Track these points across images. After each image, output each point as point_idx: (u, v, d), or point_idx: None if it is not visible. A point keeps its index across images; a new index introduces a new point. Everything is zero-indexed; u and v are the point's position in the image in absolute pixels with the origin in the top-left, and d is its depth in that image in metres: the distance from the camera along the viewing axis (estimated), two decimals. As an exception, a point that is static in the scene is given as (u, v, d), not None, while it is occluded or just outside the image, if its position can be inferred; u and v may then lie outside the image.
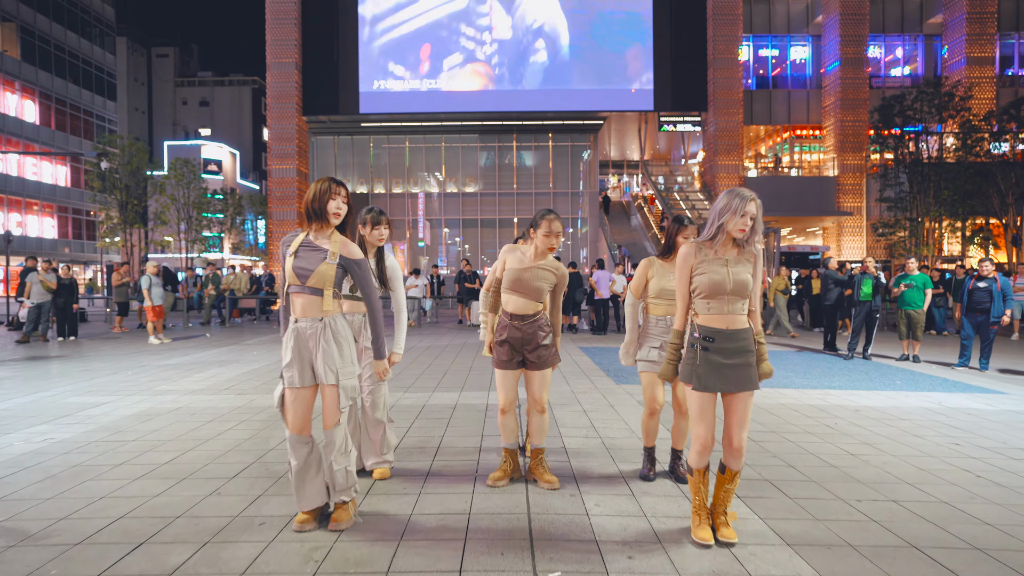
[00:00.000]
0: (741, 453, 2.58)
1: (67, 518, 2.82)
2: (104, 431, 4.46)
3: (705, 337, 2.57)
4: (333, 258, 2.65)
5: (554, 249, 3.23)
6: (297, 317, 2.69)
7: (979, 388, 6.56)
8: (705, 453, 2.60)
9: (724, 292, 2.53)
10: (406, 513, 2.90)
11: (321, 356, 2.66)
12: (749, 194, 2.52)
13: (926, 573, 2.35)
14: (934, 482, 3.42)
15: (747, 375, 2.54)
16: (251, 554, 2.45)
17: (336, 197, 2.69)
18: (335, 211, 2.68)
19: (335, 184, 2.71)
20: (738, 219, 2.50)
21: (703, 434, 2.59)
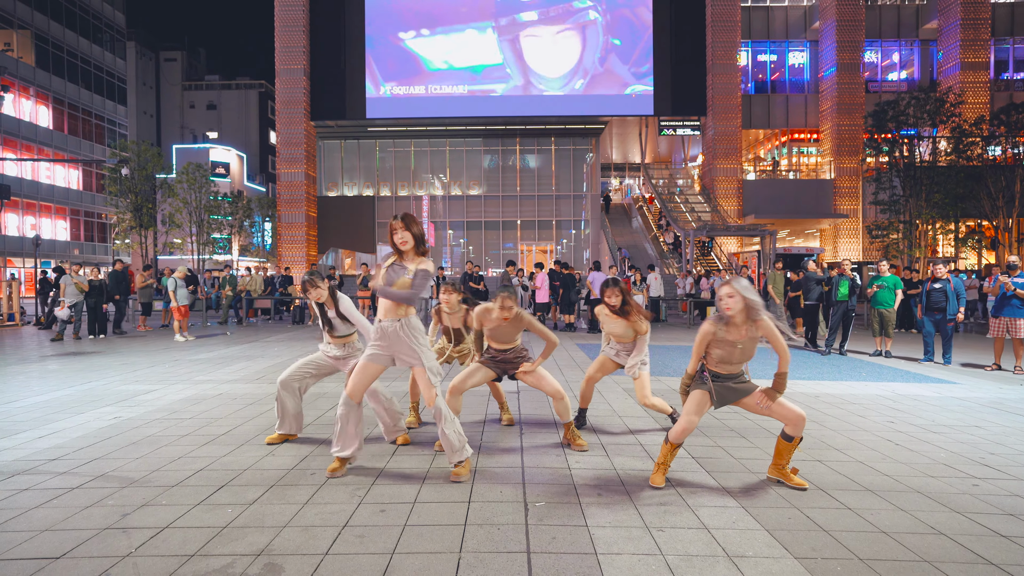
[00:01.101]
0: (804, 420, 3.33)
1: (158, 470, 3.59)
2: (162, 411, 5.22)
3: (715, 377, 3.43)
4: (410, 274, 3.46)
5: (508, 319, 4.05)
6: (381, 318, 3.48)
7: (936, 379, 7.26)
8: (684, 435, 3.37)
9: (731, 362, 3.38)
10: (424, 468, 3.65)
11: (407, 347, 3.42)
12: (726, 279, 3.39)
13: (821, 504, 3.08)
14: (857, 448, 4.16)
15: (747, 387, 3.43)
16: (309, 492, 3.20)
17: (396, 231, 3.47)
18: (400, 242, 3.46)
19: (393, 220, 3.49)
20: (719, 302, 3.33)
21: (692, 423, 3.36)
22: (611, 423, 4.85)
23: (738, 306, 3.24)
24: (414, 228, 3.47)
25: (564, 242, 31.76)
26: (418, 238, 3.47)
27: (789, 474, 3.39)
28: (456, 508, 2.99)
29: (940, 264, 8.91)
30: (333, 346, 4.23)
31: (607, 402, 5.64)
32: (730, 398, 3.41)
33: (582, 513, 2.93)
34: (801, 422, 3.32)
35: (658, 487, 3.33)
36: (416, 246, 3.47)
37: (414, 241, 3.45)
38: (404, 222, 3.46)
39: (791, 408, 3.33)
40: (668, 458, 3.42)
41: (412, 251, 3.47)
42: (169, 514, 2.91)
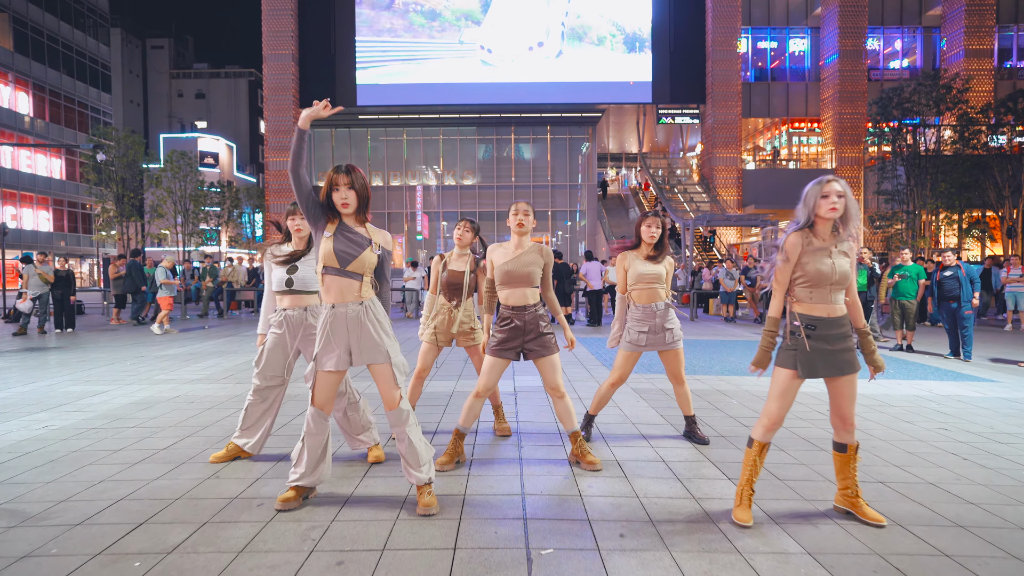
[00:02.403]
0: (853, 425, 2.70)
1: (67, 500, 2.87)
2: (103, 419, 4.50)
3: (807, 325, 2.64)
4: (378, 248, 2.74)
5: (523, 226, 3.35)
6: (333, 302, 2.70)
7: (970, 376, 6.62)
8: (772, 429, 2.67)
9: (829, 282, 2.61)
10: (400, 495, 2.95)
11: (367, 338, 2.70)
12: (829, 176, 2.63)
13: (909, 548, 2.40)
14: (919, 464, 3.48)
15: (850, 358, 2.65)
16: (249, 533, 2.50)
17: (339, 187, 2.68)
18: (342, 202, 2.68)
19: (336, 173, 2.68)
20: (823, 200, 2.58)
21: (777, 412, 2.65)
22: (623, 431, 4.17)
23: (841, 211, 2.57)
24: (360, 186, 2.71)
25: (560, 233, 31.05)
26: (364, 201, 2.72)
27: (861, 504, 2.69)
28: (437, 559, 2.29)
29: (949, 252, 8.33)
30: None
31: (615, 403, 4.95)
32: (823, 368, 2.61)
33: (603, 566, 2.23)
34: (851, 428, 2.68)
35: (745, 525, 2.60)
36: (358, 211, 2.73)
37: (358, 204, 2.71)
38: (351, 176, 2.68)
39: (853, 408, 2.68)
40: (755, 472, 2.69)
41: (354, 217, 2.74)
42: (54, 571, 2.19)
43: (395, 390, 2.73)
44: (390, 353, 2.73)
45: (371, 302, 2.74)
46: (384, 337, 2.73)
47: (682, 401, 3.95)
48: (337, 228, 2.71)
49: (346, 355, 2.72)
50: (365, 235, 2.72)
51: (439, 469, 3.31)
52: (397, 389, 2.74)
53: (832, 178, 2.60)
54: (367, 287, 2.73)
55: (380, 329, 2.73)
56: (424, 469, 2.76)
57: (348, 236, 2.69)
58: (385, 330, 2.75)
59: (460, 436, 3.44)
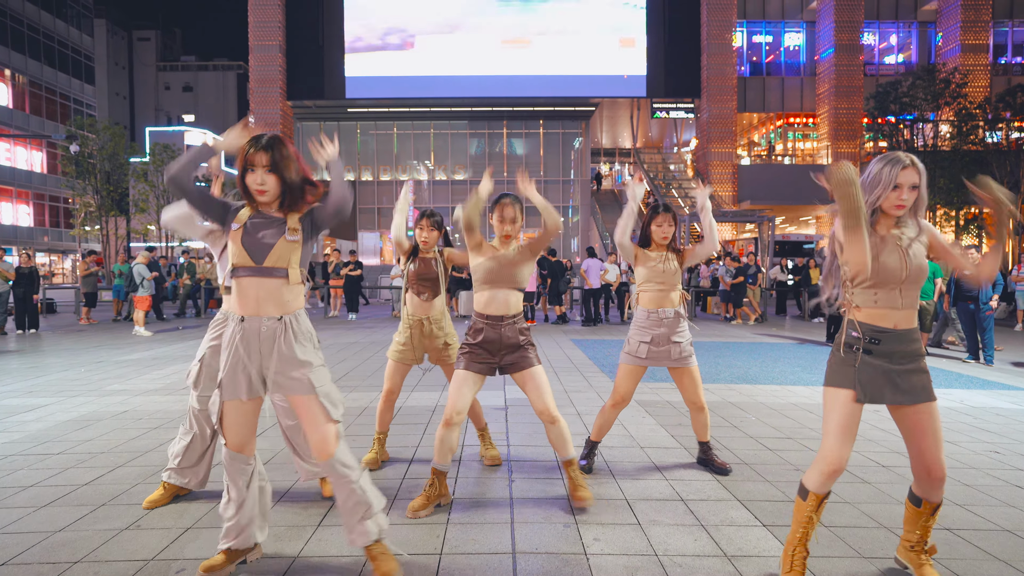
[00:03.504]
0: (943, 481, 2.07)
1: (-63, 563, 2.26)
2: (29, 442, 3.88)
3: (870, 339, 2.05)
4: (296, 234, 2.06)
5: (510, 237, 2.87)
6: (243, 314, 2.07)
7: (998, 384, 6.13)
8: (833, 477, 2.03)
9: (899, 281, 2.02)
10: (359, 553, 2.36)
11: (284, 362, 2.06)
12: (906, 158, 2.00)
13: (1018, 640, 1.85)
14: (988, 504, 2.94)
15: (924, 382, 2.05)
16: None
17: (255, 168, 2.02)
18: (258, 188, 2.04)
19: (253, 151, 2.02)
20: (891, 193, 2.00)
21: (839, 453, 2.02)
22: (630, 458, 3.60)
23: (909, 206, 2.01)
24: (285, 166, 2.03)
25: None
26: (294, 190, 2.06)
27: (924, 566, 2.12)
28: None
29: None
30: None
31: (621, 424, 4.38)
32: (889, 393, 2.03)
33: (622, 676, 1.66)
34: (939, 483, 2.05)
35: None
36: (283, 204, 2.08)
37: (280, 193, 2.06)
38: (271, 154, 2.01)
39: (939, 452, 2.04)
40: (809, 529, 2.08)
41: (276, 210, 2.10)
42: None
43: (327, 429, 2.06)
44: (313, 381, 2.07)
45: (294, 317, 2.09)
46: (307, 360, 2.08)
47: (699, 427, 3.40)
48: (248, 218, 2.07)
49: (259, 380, 2.09)
50: (280, 216, 2.08)
51: (412, 516, 2.69)
52: (331, 426, 2.08)
53: (910, 160, 1.98)
54: (294, 289, 2.09)
55: (302, 350, 2.08)
56: (371, 524, 2.11)
57: (258, 224, 2.06)
58: (307, 352, 2.10)
59: (440, 474, 2.80)
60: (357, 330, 10.98)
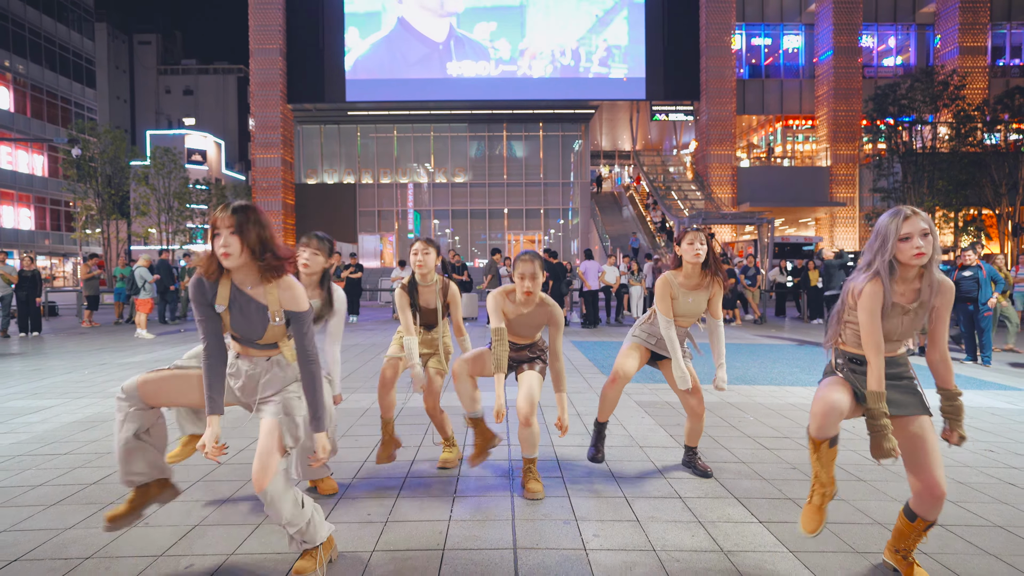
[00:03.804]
0: (942, 499, 2.09)
1: (-49, 559, 2.32)
2: (35, 443, 3.93)
3: (852, 359, 2.22)
4: (279, 317, 2.10)
5: (530, 293, 2.95)
6: (238, 353, 2.21)
7: (995, 385, 6.18)
8: (823, 423, 2.13)
9: (890, 340, 2.16)
10: (368, 549, 2.41)
11: (265, 386, 2.19)
12: (907, 209, 2.06)
13: (1006, 630, 1.90)
14: (982, 500, 2.99)
15: (916, 398, 2.14)
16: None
17: (220, 231, 2.01)
18: (223, 252, 2.00)
19: (219, 213, 2.03)
20: (903, 244, 2.05)
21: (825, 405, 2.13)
22: (630, 456, 3.65)
23: (930, 254, 2.04)
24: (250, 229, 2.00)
25: (552, 232, 30.56)
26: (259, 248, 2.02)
27: (913, 564, 2.19)
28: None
29: (970, 251, 7.90)
30: None
31: (621, 425, 4.43)
32: None
33: (620, 665, 1.71)
34: (937, 501, 2.09)
35: (812, 534, 2.21)
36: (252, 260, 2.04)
37: (242, 252, 2.00)
38: (235, 217, 1.99)
39: (935, 467, 2.09)
40: (826, 470, 2.18)
41: (245, 270, 2.07)
42: None
43: (268, 459, 2.03)
44: (286, 407, 2.14)
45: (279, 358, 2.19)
46: (285, 392, 2.18)
47: (691, 435, 3.37)
48: (230, 292, 2.09)
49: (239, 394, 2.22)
50: (261, 300, 2.09)
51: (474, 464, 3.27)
52: (272, 459, 2.04)
53: (911, 211, 2.04)
54: (289, 349, 2.18)
55: (284, 383, 2.19)
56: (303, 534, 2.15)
57: (242, 305, 2.09)
58: (290, 388, 2.20)
59: (475, 421, 3.26)
60: (358, 332, 11.03)
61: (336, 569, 2.25)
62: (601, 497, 2.98)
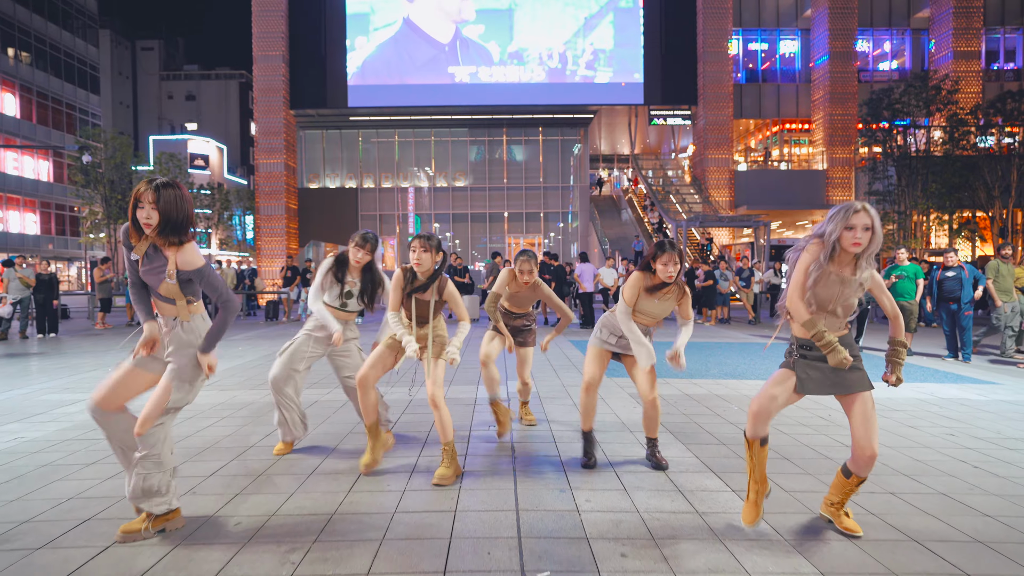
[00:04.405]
0: (873, 461, 2.47)
1: (32, 520, 2.69)
2: (78, 429, 4.30)
3: (802, 345, 2.57)
4: (172, 277, 2.49)
5: (528, 283, 4.13)
6: (156, 312, 2.64)
7: (971, 379, 6.53)
8: (755, 422, 2.57)
9: (827, 308, 2.50)
10: (389, 511, 2.79)
11: (178, 352, 2.56)
12: (859, 204, 2.41)
13: (927, 567, 2.27)
14: (932, 474, 3.36)
15: (856, 377, 2.49)
16: (224, 557, 2.33)
17: (143, 204, 2.43)
18: (144, 221, 2.43)
19: (144, 189, 2.44)
20: (847, 232, 2.39)
21: (759, 404, 2.57)
22: (621, 439, 4.02)
23: (864, 246, 2.39)
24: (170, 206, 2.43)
25: (552, 235, 30.93)
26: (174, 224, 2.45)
27: (841, 516, 2.59)
28: (426, 583, 2.13)
29: (952, 252, 8.26)
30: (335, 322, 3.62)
31: (612, 411, 4.80)
32: (814, 387, 2.52)
33: (604, 590, 2.08)
34: (869, 461, 2.46)
35: (751, 525, 2.57)
36: (163, 233, 2.44)
37: (161, 225, 2.43)
38: (158, 193, 2.42)
39: (870, 435, 2.45)
40: (759, 468, 2.58)
41: (161, 239, 2.47)
42: (10, 601, 2.02)
43: (152, 412, 2.46)
44: (175, 372, 2.52)
45: (188, 324, 2.57)
46: (183, 355, 2.54)
47: (648, 424, 3.47)
48: (148, 248, 2.52)
49: (152, 360, 2.62)
50: (164, 257, 2.49)
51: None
52: (154, 413, 2.46)
53: (862, 207, 2.39)
54: (183, 310, 2.56)
55: (183, 346, 2.55)
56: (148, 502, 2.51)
57: (152, 259, 2.51)
58: (187, 350, 2.56)
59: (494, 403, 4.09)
60: (362, 332, 11.40)
61: (366, 521, 2.61)
62: (593, 472, 3.36)
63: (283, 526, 2.62)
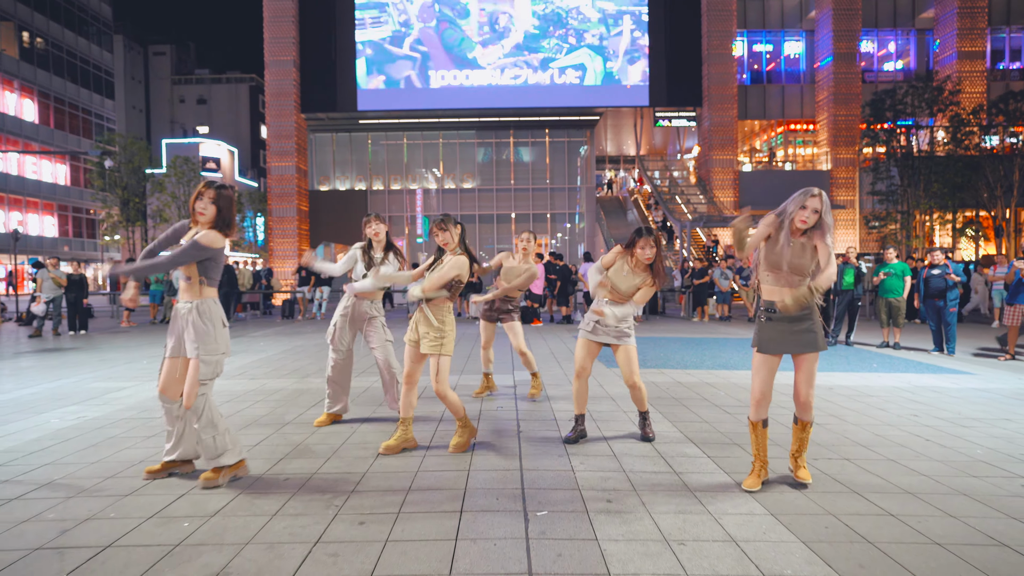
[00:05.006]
0: (809, 407, 3.03)
1: (114, 477, 3.20)
2: (131, 410, 4.83)
3: (767, 309, 3.04)
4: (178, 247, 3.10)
5: (528, 252, 5.19)
6: (178, 300, 3.15)
7: (950, 370, 6.95)
8: (757, 407, 3.05)
9: (780, 269, 2.96)
10: (412, 471, 3.28)
11: (194, 331, 3.02)
12: (816, 190, 2.90)
13: (860, 509, 2.74)
14: (886, 445, 3.81)
15: (808, 339, 2.98)
16: (280, 501, 2.83)
17: (203, 196, 3.08)
18: (199, 211, 3.08)
19: (204, 187, 3.10)
20: (800, 211, 2.88)
21: (756, 389, 3.07)
22: (614, 417, 4.50)
23: (811, 223, 2.88)
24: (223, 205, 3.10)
25: (559, 236, 31.37)
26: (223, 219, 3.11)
27: (798, 467, 3.11)
28: (445, 520, 2.62)
29: (938, 251, 8.64)
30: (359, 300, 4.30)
31: (609, 396, 5.28)
32: (775, 346, 2.99)
33: (590, 524, 2.56)
34: (804, 406, 3.03)
35: (752, 490, 3.01)
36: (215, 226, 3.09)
37: (215, 217, 3.10)
38: (217, 192, 3.10)
39: (808, 386, 3.00)
40: (761, 447, 3.07)
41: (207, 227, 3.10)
42: (115, 529, 2.53)
43: (191, 388, 2.98)
44: (200, 351, 3.00)
45: (199, 303, 3.05)
46: (202, 336, 3.01)
47: (635, 400, 3.92)
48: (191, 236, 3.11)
49: (179, 345, 3.09)
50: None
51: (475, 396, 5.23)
52: (194, 388, 2.98)
53: (818, 192, 2.89)
54: (195, 288, 3.05)
55: (200, 329, 3.02)
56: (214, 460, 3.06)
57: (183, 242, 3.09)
58: (206, 327, 3.03)
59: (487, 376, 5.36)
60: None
61: (394, 478, 3.11)
62: (587, 442, 3.84)
63: (325, 481, 3.12)
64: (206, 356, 3.01)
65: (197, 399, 3.00)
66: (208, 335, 3.03)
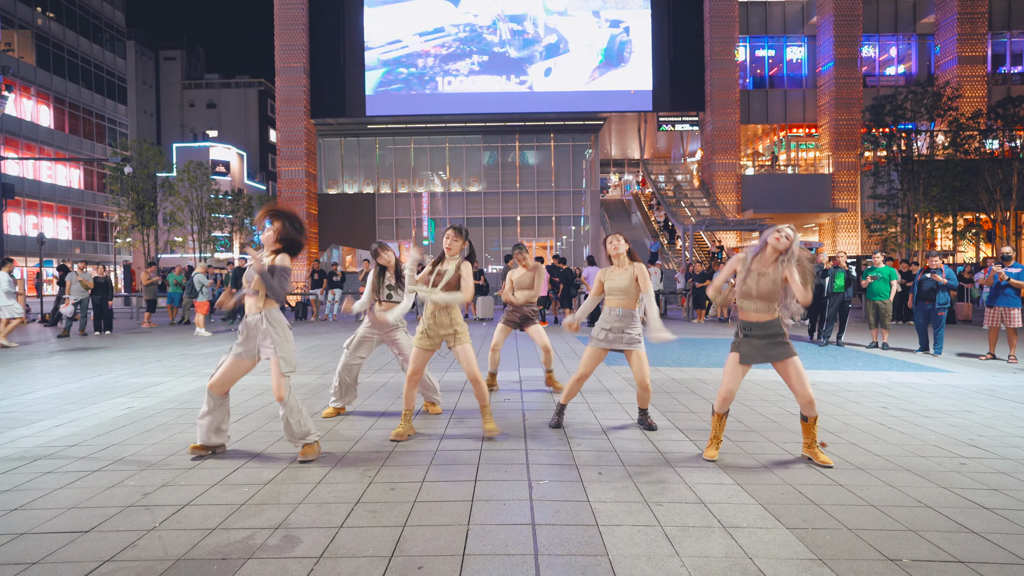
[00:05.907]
0: (812, 403, 3.49)
1: (174, 455, 3.72)
2: (173, 402, 5.35)
3: (744, 327, 3.58)
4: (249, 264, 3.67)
5: (525, 260, 5.96)
6: (246, 313, 3.67)
7: (930, 368, 7.38)
8: (723, 402, 3.61)
9: (751, 296, 3.50)
10: (432, 449, 3.78)
11: (268, 338, 3.55)
12: (785, 227, 3.44)
13: (815, 480, 3.21)
14: (850, 431, 4.28)
15: (782, 349, 3.51)
16: (322, 472, 3.34)
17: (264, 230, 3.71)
18: (263, 236, 3.73)
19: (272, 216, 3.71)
20: (775, 234, 3.43)
21: (725, 388, 3.61)
22: (607, 407, 4.98)
23: (784, 246, 3.38)
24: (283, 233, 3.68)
25: (564, 238, 31.85)
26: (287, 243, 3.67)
27: (816, 451, 3.58)
28: (463, 487, 3.12)
29: (936, 256, 9.01)
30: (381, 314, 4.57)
31: (607, 391, 5.76)
32: (756, 357, 3.52)
33: (584, 490, 3.06)
34: (808, 404, 3.49)
35: (711, 460, 3.57)
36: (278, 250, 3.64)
37: (276, 241, 3.66)
38: (280, 222, 3.69)
39: (804, 385, 3.48)
40: (719, 430, 3.64)
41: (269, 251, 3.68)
42: (188, 493, 3.04)
43: (278, 381, 3.50)
44: (278, 351, 3.52)
45: (267, 313, 3.59)
46: (275, 338, 3.54)
47: (641, 400, 4.37)
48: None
49: (251, 350, 3.61)
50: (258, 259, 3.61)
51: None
52: (280, 380, 3.50)
53: (791, 227, 3.45)
54: (262, 300, 3.59)
55: (272, 332, 3.55)
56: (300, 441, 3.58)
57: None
58: (278, 332, 3.56)
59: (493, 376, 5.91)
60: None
61: (417, 454, 3.60)
62: (585, 429, 4.33)
63: (358, 457, 3.63)
64: (283, 354, 3.54)
65: (287, 393, 3.52)
66: (281, 337, 3.57)
